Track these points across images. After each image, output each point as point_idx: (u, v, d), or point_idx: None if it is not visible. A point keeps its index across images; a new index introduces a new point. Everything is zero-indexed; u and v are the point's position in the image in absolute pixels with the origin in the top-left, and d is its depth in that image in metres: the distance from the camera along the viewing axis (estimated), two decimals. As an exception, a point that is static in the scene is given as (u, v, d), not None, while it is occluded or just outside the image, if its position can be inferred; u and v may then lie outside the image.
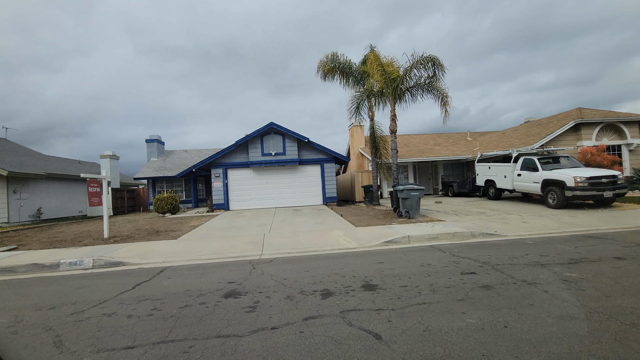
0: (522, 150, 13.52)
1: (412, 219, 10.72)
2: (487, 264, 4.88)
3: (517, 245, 6.41)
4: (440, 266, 4.94)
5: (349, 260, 5.79)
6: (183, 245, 8.19)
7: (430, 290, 3.80)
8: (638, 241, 6.05)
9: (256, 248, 7.53)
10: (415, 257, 5.75)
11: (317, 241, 8.03)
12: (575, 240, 6.57)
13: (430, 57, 12.29)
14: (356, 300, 3.55)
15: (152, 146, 24.06)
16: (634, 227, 7.91)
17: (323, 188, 17.24)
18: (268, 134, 16.64)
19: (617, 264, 4.53)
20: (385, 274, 4.61)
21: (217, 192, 16.54)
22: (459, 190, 18.30)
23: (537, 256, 5.26)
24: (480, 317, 2.93)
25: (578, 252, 5.44)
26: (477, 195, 16.91)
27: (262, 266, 5.59)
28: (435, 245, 6.84)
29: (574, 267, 4.48)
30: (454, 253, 5.86)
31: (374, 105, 15.32)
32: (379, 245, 7.41)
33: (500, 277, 4.20)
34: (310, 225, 10.53)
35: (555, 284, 3.77)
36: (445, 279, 4.24)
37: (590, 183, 10.56)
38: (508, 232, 7.91)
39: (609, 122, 15.24)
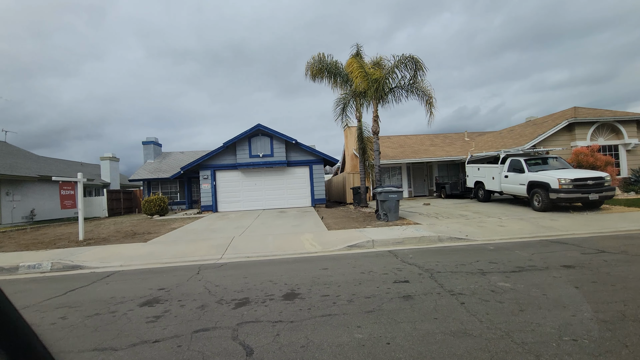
0: (511, 151, 13.14)
1: (389, 221, 10.52)
2: (428, 272, 4.71)
3: (476, 251, 6.19)
4: (380, 273, 4.78)
5: (297, 266, 5.68)
6: (149, 248, 8.20)
7: (347, 300, 3.66)
8: (602, 247, 5.76)
9: (218, 252, 7.48)
10: (365, 263, 5.60)
11: (284, 245, 7.94)
12: (540, 246, 6.31)
13: (412, 57, 12.07)
14: (264, 311, 3.44)
15: (148, 148, 24.36)
16: (610, 232, 7.58)
17: (312, 190, 17.13)
18: (256, 136, 16.63)
19: (560, 273, 4.30)
20: (318, 282, 4.49)
21: (206, 194, 16.61)
22: (452, 192, 17.95)
23: (485, 263, 5.05)
24: (371, 332, 2.79)
25: (531, 259, 5.20)
26: (469, 197, 16.54)
27: (207, 271, 5.53)
28: (395, 250, 6.67)
29: (513, 277, 4.27)
30: (406, 259, 5.69)
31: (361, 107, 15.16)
32: (342, 249, 7.27)
33: (430, 286, 4.03)
34: (286, 227, 10.45)
35: (479, 295, 3.59)
36: (373, 287, 4.09)
37: (575, 185, 10.19)
38: (478, 237, 7.67)
39: (605, 122, 14.70)
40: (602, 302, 3.23)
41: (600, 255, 5.26)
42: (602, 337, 2.50)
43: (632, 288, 3.59)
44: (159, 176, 21.75)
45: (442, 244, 7.27)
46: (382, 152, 22.02)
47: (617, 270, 4.33)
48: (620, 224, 8.36)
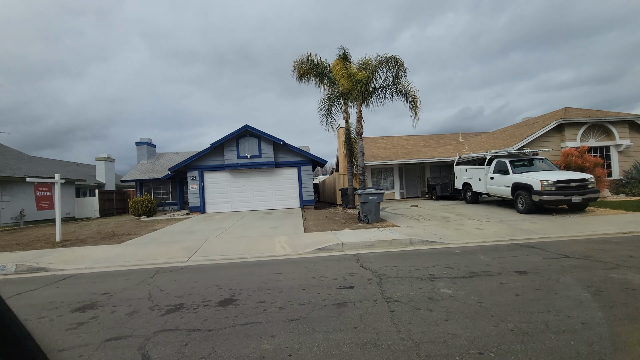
0: (497, 153, 12.96)
1: (369, 223, 10.41)
2: (379, 277, 4.60)
3: (441, 254, 6.06)
4: (331, 278, 4.69)
5: (254, 270, 5.60)
6: (120, 250, 8.17)
7: (279, 307, 3.57)
8: (568, 252, 5.61)
9: (187, 254, 7.43)
10: (322, 267, 5.50)
11: (254, 247, 7.87)
12: (507, 250, 6.17)
13: (393, 57, 11.97)
14: (189, 319, 3.36)
15: (142, 149, 24.41)
16: (586, 236, 7.42)
17: (300, 191, 17.05)
18: (244, 137, 16.59)
19: (509, 280, 4.17)
20: (264, 287, 4.40)
21: (193, 195, 16.59)
22: (442, 193, 17.76)
23: (441, 268, 4.93)
24: (281, 343, 2.70)
25: (489, 264, 5.07)
26: (459, 198, 16.36)
27: (163, 275, 5.47)
28: (360, 254, 6.57)
29: (460, 283, 4.15)
30: (365, 264, 5.59)
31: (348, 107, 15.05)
32: (310, 252, 7.19)
33: (371, 293, 3.92)
34: (264, 229, 10.38)
35: (413, 303, 3.48)
36: (314, 294, 4.00)
37: (557, 187, 10.00)
38: (451, 240, 7.53)
39: (595, 122, 14.45)
40: (533, 311, 3.11)
41: (561, 260, 5.12)
42: (511, 350, 2.39)
43: (572, 297, 3.46)
44: (151, 177, 21.78)
45: (412, 247, 7.15)
46: (374, 153, 21.90)
47: (568, 277, 4.19)
48: (599, 227, 8.18)
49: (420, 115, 12.43)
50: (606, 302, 3.24)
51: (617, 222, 8.73)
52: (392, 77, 12.37)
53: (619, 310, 3.04)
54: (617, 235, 7.44)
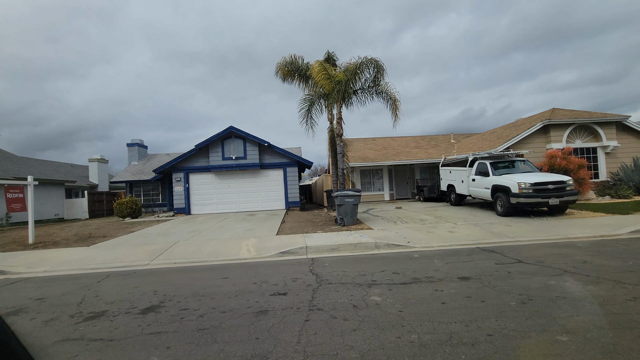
0: (480, 154, 12.81)
1: (345, 225, 10.32)
2: (319, 283, 4.51)
3: (398, 259, 5.96)
4: (272, 284, 4.61)
5: (203, 274, 5.54)
6: (87, 253, 8.13)
7: (199, 315, 3.50)
8: (525, 256, 5.48)
9: (150, 257, 7.37)
10: (272, 271, 5.42)
11: (220, 250, 7.81)
12: (466, 254, 6.05)
13: (373, 59, 11.88)
14: (103, 327, 3.30)
15: (133, 150, 24.47)
16: (554, 239, 7.29)
17: (286, 192, 16.98)
18: (229, 138, 16.55)
19: (448, 287, 4.06)
20: (200, 293, 4.33)
21: (178, 197, 16.57)
22: (429, 195, 17.61)
23: (387, 274, 4.83)
24: (169, 355, 2.63)
25: (437, 269, 4.96)
26: (446, 200, 16.19)
27: (110, 280, 5.41)
28: (319, 258, 6.50)
29: (396, 290, 4.05)
30: (317, 268, 5.51)
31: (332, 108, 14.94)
32: (272, 256, 7.11)
33: (300, 300, 3.83)
34: (239, 231, 10.31)
35: (335, 312, 3.39)
36: (243, 301, 3.92)
37: (535, 190, 9.85)
38: (418, 244, 7.43)
39: (581, 123, 14.25)
40: (447, 321, 3.00)
41: (513, 265, 5.00)
42: (396, 365, 2.29)
43: (496, 305, 3.35)
44: (140, 178, 21.81)
45: (376, 251, 7.04)
46: (364, 154, 21.78)
47: (507, 284, 4.08)
48: (572, 231, 8.04)
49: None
50: (527, 312, 3.13)
51: (592, 225, 8.57)
52: (372, 79, 12.28)
53: (534, 321, 2.93)
54: (588, 238, 7.30)
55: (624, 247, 6.00)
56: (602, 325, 2.76)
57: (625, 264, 4.73)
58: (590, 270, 4.51)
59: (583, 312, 3.06)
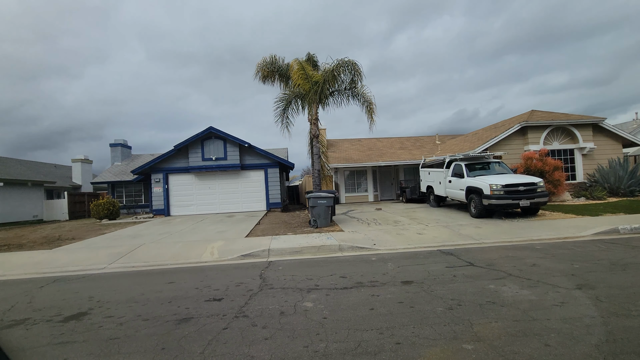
0: (456, 156, 12.82)
1: (318, 227, 10.24)
2: (262, 287, 4.42)
3: (354, 262, 5.90)
4: (213, 289, 4.51)
5: (147, 279, 5.42)
6: (47, 256, 7.95)
7: (119, 323, 3.40)
8: (479, 259, 5.44)
9: (109, 260, 7.23)
10: (222, 275, 5.33)
11: (183, 253, 7.68)
12: (424, 257, 6.00)
13: (350, 61, 11.84)
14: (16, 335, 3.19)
15: (116, 150, 24.14)
16: (517, 241, 7.29)
17: (267, 193, 16.86)
18: (209, 139, 16.38)
19: (385, 291, 4.00)
20: (134, 299, 4.22)
21: (157, 198, 16.36)
22: (411, 196, 17.62)
23: (335, 278, 4.76)
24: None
25: (386, 273, 4.91)
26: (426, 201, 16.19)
27: (55, 284, 5.27)
28: (276, 261, 6.43)
29: (333, 295, 3.98)
30: (269, 272, 5.43)
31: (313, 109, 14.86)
32: (233, 259, 7.02)
33: (232, 306, 3.75)
34: (210, 233, 10.18)
35: (258, 319, 3.30)
36: (174, 307, 3.82)
37: (506, 191, 9.86)
38: (383, 246, 7.36)
39: (558, 125, 14.35)
40: (366, 328, 2.93)
41: (462, 269, 4.96)
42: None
43: (423, 311, 3.29)
44: (122, 179, 21.51)
45: (339, 253, 6.97)
46: (348, 155, 21.74)
47: (445, 288, 4.02)
48: (538, 233, 8.04)
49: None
50: (448, 319, 3.07)
51: (559, 227, 8.59)
52: (348, 81, 12.24)
53: (451, 328, 2.87)
54: (550, 240, 7.31)
55: (580, 249, 6.00)
56: (515, 332, 2.71)
57: (571, 267, 4.71)
58: (535, 273, 4.48)
59: (503, 319, 3.01)
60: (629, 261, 4.88)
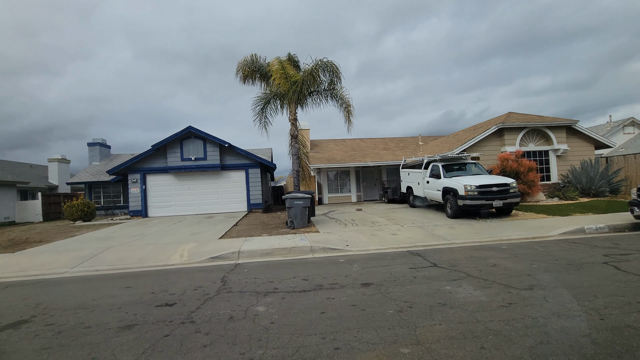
0: (434, 157, 12.94)
1: (294, 229, 10.16)
2: (219, 291, 4.32)
3: (321, 264, 5.85)
4: (169, 293, 4.39)
5: (104, 284, 5.25)
6: (8, 260, 7.65)
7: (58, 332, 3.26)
8: (442, 260, 5.47)
9: (73, 264, 6.98)
10: (184, 279, 5.20)
11: (152, 256, 7.49)
12: (391, 258, 6.01)
13: (329, 62, 11.82)
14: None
15: (94, 150, 23.48)
16: (487, 241, 7.38)
17: (248, 194, 16.68)
18: (188, 138, 16.10)
19: (342, 294, 3.96)
20: (83, 305, 4.06)
21: (135, 199, 15.98)
22: (393, 197, 17.74)
23: (297, 281, 4.70)
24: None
25: (349, 275, 4.88)
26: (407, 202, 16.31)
27: (4, 291, 5.03)
28: (245, 263, 6.32)
29: (289, 298, 3.92)
30: (231, 276, 5.33)
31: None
32: (202, 262, 6.87)
33: (182, 312, 3.64)
34: (184, 235, 9.98)
35: (203, 326, 3.21)
36: (122, 314, 3.69)
37: (479, 192, 10.00)
38: (355, 247, 7.35)
39: (534, 127, 14.68)
40: (311, 333, 2.89)
41: (425, 269, 4.97)
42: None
43: (375, 313, 3.26)
44: (100, 179, 20.94)
45: (310, 255, 6.91)
46: (331, 155, 21.73)
47: (404, 289, 4.02)
48: (507, 233, 8.16)
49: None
50: (395, 322, 3.05)
51: (529, 227, 8.75)
52: (328, 82, 12.21)
53: (395, 331, 2.85)
54: (518, 240, 7.43)
55: (543, 249, 6.11)
56: (456, 335, 2.71)
57: (529, 267, 4.78)
58: (493, 274, 4.52)
59: (448, 321, 3.01)
60: (585, 261, 4.99)
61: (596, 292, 3.57)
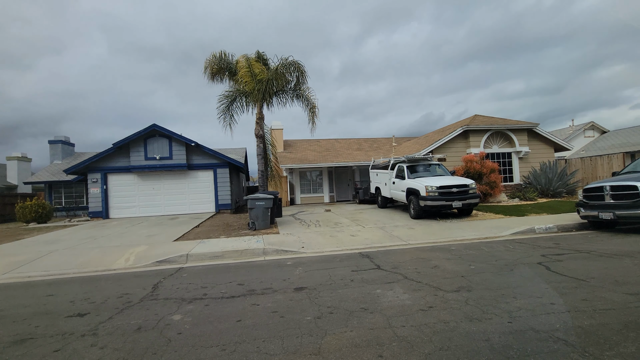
0: (400, 158, 13.04)
1: (256, 230, 9.94)
2: (143, 299, 4.08)
3: (267, 267, 5.69)
4: (90, 302, 4.10)
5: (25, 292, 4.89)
6: None
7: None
8: (388, 262, 5.43)
9: (3, 270, 6.51)
10: (114, 286, 4.90)
11: (95, 260, 7.11)
12: (339, 260, 5.92)
13: (295, 62, 11.67)
14: None
15: (55, 148, 22.31)
16: (442, 242, 7.43)
17: (216, 195, 16.28)
18: (152, 137, 15.53)
19: (271, 299, 3.82)
20: None
21: (95, 199, 15.25)
22: (364, 198, 17.77)
23: (230, 286, 4.52)
24: None
25: (287, 279, 4.74)
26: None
27: None
28: (190, 267, 6.12)
29: (213, 304, 3.73)
30: (165, 282, 5.08)
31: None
32: (148, 265, 6.58)
33: (89, 322, 3.39)
34: (139, 238, 9.56)
35: (103, 340, 2.98)
36: (24, 327, 3.39)
37: (440, 193, 10.12)
38: (310, 249, 7.23)
39: (497, 130, 15.09)
40: (214, 344, 2.72)
41: (366, 272, 4.91)
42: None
43: (293, 320, 3.13)
44: (61, 178, 19.90)
45: (262, 257, 6.74)
46: (304, 155, 21.58)
47: (336, 294, 3.92)
48: (462, 233, 8.27)
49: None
50: (308, 329, 2.94)
51: (484, 227, 8.91)
52: (294, 82, 12.06)
53: (303, 340, 2.73)
54: (471, 241, 7.53)
55: (488, 249, 6.20)
56: (361, 342, 2.62)
57: (467, 269, 4.80)
58: (429, 276, 4.50)
59: (362, 327, 2.92)
60: (522, 261, 5.07)
61: (518, 293, 3.59)
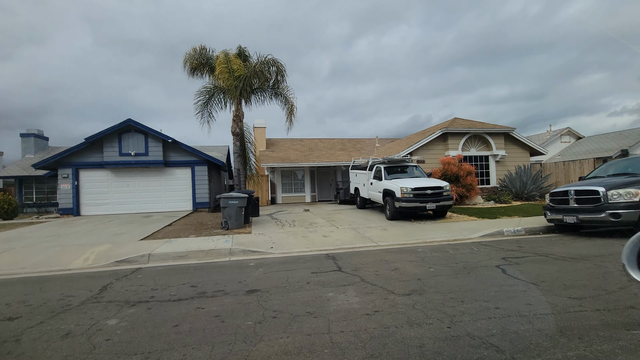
0: (379, 159, 13.06)
1: (229, 229, 9.75)
2: (85, 303, 3.90)
3: (228, 268, 5.55)
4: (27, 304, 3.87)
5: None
6: None
7: None
8: (351, 264, 5.37)
9: (-51, 270, 6.11)
10: (59, 288, 4.68)
11: (52, 260, 6.80)
12: (303, 262, 5.83)
13: (273, 59, 11.52)
14: None
15: (28, 141, 21.46)
16: (412, 244, 7.41)
17: (194, 192, 15.95)
18: (127, 132, 15.08)
19: (220, 302, 3.69)
20: None
21: (65, 196, 14.70)
22: (344, 198, 17.75)
23: (182, 288, 4.36)
24: None
25: (243, 281, 4.62)
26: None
27: None
28: (147, 268, 5.93)
29: (156, 308, 3.58)
30: (117, 284, 4.88)
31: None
32: (107, 265, 6.33)
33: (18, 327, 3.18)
34: (105, 236, 9.23)
35: (18, 348, 2.79)
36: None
37: (414, 194, 10.15)
38: (279, 250, 7.11)
39: (475, 133, 15.31)
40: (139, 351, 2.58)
41: (326, 274, 4.83)
42: None
43: (233, 325, 3.02)
44: (32, 173, 19.12)
45: (228, 257, 6.58)
46: (286, 155, 21.43)
47: (286, 297, 3.82)
48: (433, 235, 8.28)
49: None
50: (244, 335, 2.83)
51: (455, 229, 8.96)
52: (272, 80, 11.90)
53: (236, 346, 2.62)
54: (439, 242, 7.54)
55: (453, 252, 6.22)
56: (292, 350, 2.53)
57: (425, 271, 4.78)
58: (386, 278, 4.46)
59: (299, 333, 2.83)
60: (481, 264, 5.08)
61: (467, 297, 3.57)
